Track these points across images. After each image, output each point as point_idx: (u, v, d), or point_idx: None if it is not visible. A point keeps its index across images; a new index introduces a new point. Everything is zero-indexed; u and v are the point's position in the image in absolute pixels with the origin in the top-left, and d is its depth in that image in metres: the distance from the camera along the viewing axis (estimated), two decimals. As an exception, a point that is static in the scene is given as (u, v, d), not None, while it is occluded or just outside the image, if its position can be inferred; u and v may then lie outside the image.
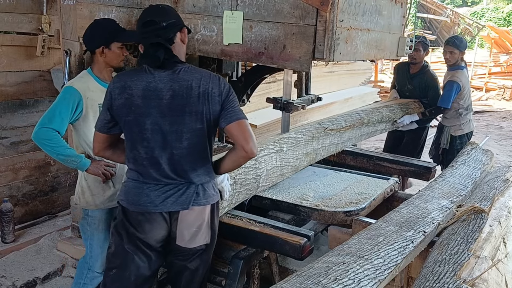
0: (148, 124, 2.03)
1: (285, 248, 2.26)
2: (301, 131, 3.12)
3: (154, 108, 2.02)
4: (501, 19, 23.05)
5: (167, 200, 2.07)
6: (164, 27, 2.04)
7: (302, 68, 2.32)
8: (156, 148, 2.05)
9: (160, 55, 2.01)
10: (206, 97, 2.03)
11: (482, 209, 2.34)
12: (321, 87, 5.88)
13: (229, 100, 2.08)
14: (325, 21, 2.17)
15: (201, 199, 2.10)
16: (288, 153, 2.91)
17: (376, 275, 1.80)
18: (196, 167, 2.10)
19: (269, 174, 2.75)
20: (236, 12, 2.41)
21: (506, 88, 13.65)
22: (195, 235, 2.12)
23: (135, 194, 2.10)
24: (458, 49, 4.44)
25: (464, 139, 4.58)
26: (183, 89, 2.02)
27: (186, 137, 2.05)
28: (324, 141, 3.32)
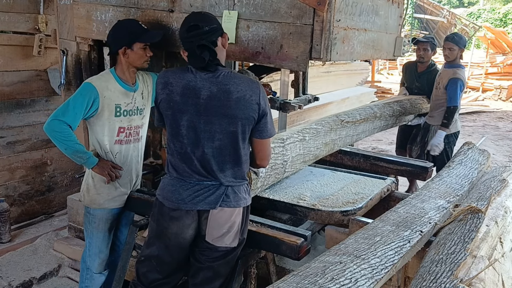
0: (184, 120, 2.13)
1: (282, 248, 2.25)
2: (321, 123, 3.33)
3: (191, 106, 2.12)
4: (498, 20, 23.13)
5: (196, 199, 2.16)
6: (207, 31, 2.12)
7: (299, 68, 2.32)
8: (190, 144, 2.14)
9: (205, 56, 2.09)
10: (243, 102, 2.10)
11: (479, 209, 2.34)
12: (318, 87, 5.90)
13: (266, 114, 2.17)
14: (322, 21, 2.17)
15: (230, 201, 2.17)
16: (310, 142, 3.10)
17: (373, 274, 1.80)
18: (224, 169, 2.16)
19: (294, 161, 2.93)
20: (233, 12, 2.41)
21: (503, 89, 13.69)
22: (224, 236, 2.18)
23: (169, 190, 2.21)
24: (458, 45, 4.44)
25: (451, 138, 4.58)
26: (221, 92, 2.10)
27: (218, 138, 2.12)
28: (341, 132, 3.53)
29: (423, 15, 21.55)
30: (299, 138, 2.98)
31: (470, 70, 14.57)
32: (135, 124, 2.66)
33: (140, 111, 2.67)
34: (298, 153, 2.95)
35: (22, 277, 3.28)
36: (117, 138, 2.60)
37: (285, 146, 2.84)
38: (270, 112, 2.22)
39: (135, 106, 2.64)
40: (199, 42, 2.10)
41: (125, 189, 2.69)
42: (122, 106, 2.58)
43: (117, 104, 2.56)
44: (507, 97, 13.59)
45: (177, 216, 2.18)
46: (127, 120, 2.61)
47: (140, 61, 2.58)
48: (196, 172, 2.17)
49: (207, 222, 2.18)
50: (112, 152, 2.60)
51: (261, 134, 2.19)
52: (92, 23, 2.97)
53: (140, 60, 2.57)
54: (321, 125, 3.28)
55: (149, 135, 3.09)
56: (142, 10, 2.76)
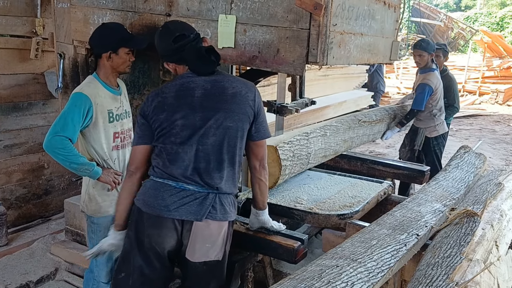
0: (179, 119, 2.06)
1: (278, 252, 2.26)
2: (340, 121, 3.58)
3: (185, 104, 2.07)
4: (494, 24, 23.21)
5: (181, 207, 2.04)
6: (194, 38, 2.14)
7: (295, 72, 2.33)
8: (183, 143, 2.06)
9: (215, 60, 2.10)
10: (239, 97, 2.09)
11: (475, 212, 2.34)
12: (316, 91, 5.91)
13: (262, 113, 2.17)
14: (319, 25, 2.18)
15: (217, 213, 2.07)
16: (330, 138, 3.30)
17: (369, 278, 1.80)
18: (219, 168, 2.08)
19: (316, 154, 3.13)
20: (230, 16, 2.41)
21: (499, 92, 13.73)
22: (207, 250, 2.08)
23: (151, 195, 2.09)
24: (426, 51, 4.56)
25: (440, 139, 4.72)
26: (216, 88, 2.09)
27: (213, 133, 2.06)
28: (359, 131, 3.78)
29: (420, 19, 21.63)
30: (321, 134, 3.19)
31: (467, 73, 14.63)
32: (126, 127, 2.66)
33: (128, 114, 2.70)
34: (320, 147, 3.16)
35: (19, 280, 3.27)
36: (114, 144, 2.60)
37: (309, 139, 3.03)
38: (265, 113, 2.21)
39: (123, 109, 2.65)
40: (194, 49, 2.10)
41: None
42: (114, 111, 2.58)
43: (109, 110, 2.55)
44: (504, 101, 13.64)
45: (157, 224, 2.06)
46: (120, 125, 2.61)
47: (124, 66, 2.58)
48: (184, 175, 2.06)
49: (189, 234, 2.06)
50: (111, 159, 2.60)
51: (258, 134, 2.16)
52: (89, 26, 2.97)
53: (124, 65, 2.57)
54: (340, 123, 3.54)
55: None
56: (139, 14, 2.76)
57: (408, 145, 4.90)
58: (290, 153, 2.82)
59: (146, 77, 2.99)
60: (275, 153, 2.73)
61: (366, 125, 3.93)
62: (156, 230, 2.06)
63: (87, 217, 2.68)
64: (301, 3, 2.18)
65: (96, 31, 2.57)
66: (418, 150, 4.80)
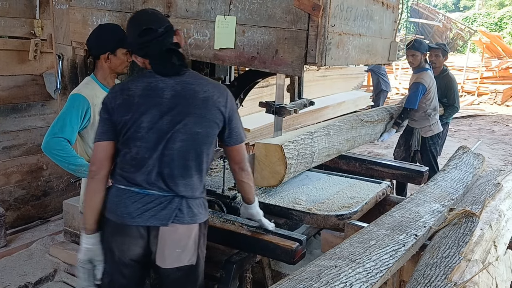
0: (145, 122, 1.94)
1: (277, 253, 2.26)
2: (343, 121, 3.65)
3: (153, 106, 1.95)
4: (493, 24, 23.22)
5: (145, 213, 1.95)
6: (162, 33, 1.98)
7: (294, 73, 2.33)
8: (148, 147, 1.95)
9: (175, 62, 1.97)
10: (211, 103, 1.99)
11: (473, 213, 2.35)
12: (314, 92, 5.92)
13: (235, 117, 2.08)
14: (317, 26, 2.18)
15: (184, 217, 1.98)
16: (333, 137, 3.36)
17: (367, 278, 1.81)
18: (185, 175, 1.98)
19: (320, 153, 3.18)
20: (229, 17, 2.41)
21: (498, 93, 13.74)
22: (178, 255, 1.99)
23: (114, 202, 2.00)
24: (419, 51, 4.60)
25: (435, 139, 4.75)
26: (186, 91, 1.97)
27: (180, 139, 1.96)
28: (361, 131, 3.86)
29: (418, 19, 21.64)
30: (325, 133, 3.25)
31: (465, 74, 14.64)
32: None
33: None
34: (324, 146, 3.21)
35: (17, 282, 3.27)
36: None
37: (313, 138, 3.08)
38: (239, 117, 2.13)
39: None
40: (159, 46, 1.96)
41: None
42: None
43: None
44: (503, 101, 13.65)
45: (121, 232, 1.97)
46: None
47: (122, 67, 2.59)
48: (149, 182, 1.95)
49: (157, 241, 1.97)
50: None
51: (231, 140, 2.08)
52: (88, 27, 2.97)
53: (122, 65, 2.58)
54: (343, 122, 3.61)
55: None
56: (138, 15, 2.76)
57: (403, 145, 4.94)
58: (295, 152, 2.86)
59: (145, 78, 2.99)
60: (280, 151, 2.76)
61: (368, 124, 4.00)
62: (120, 238, 1.98)
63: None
64: (299, 4, 2.18)
65: (94, 32, 2.57)
66: (414, 150, 4.83)
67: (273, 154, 2.78)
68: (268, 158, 2.80)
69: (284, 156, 2.74)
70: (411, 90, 4.62)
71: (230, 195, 2.72)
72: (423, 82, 4.51)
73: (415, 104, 4.53)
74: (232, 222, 2.44)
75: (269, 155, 2.80)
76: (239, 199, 2.72)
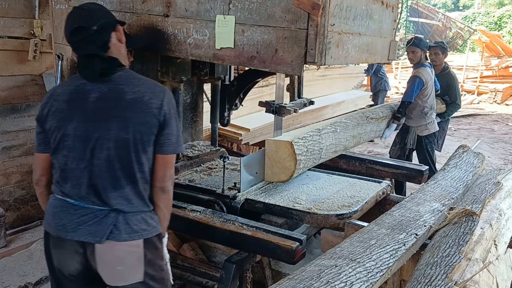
0: (70, 129, 1.79)
1: (277, 252, 2.25)
2: (349, 118, 3.74)
3: (77, 111, 1.79)
4: (492, 23, 23.23)
5: (79, 228, 1.79)
6: (96, 31, 1.81)
7: (294, 72, 2.33)
8: (76, 157, 1.79)
9: (96, 68, 1.79)
10: (139, 104, 1.79)
11: (474, 212, 2.35)
12: (314, 91, 5.91)
13: (170, 123, 1.85)
14: (316, 25, 2.18)
15: (121, 234, 1.79)
16: (340, 134, 3.44)
17: (368, 278, 1.80)
18: (116, 186, 1.80)
19: (327, 149, 3.25)
20: (228, 17, 2.41)
21: (498, 92, 13.76)
22: (120, 273, 1.82)
23: (50, 213, 1.87)
24: (419, 47, 4.66)
25: (431, 138, 4.79)
26: (113, 92, 1.80)
27: (106, 146, 1.77)
28: (366, 127, 3.98)
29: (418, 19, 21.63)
30: (332, 130, 3.33)
31: (465, 73, 14.64)
32: None
33: None
34: (331, 142, 3.28)
35: (17, 282, 3.26)
36: None
37: (321, 135, 3.15)
38: (178, 124, 1.91)
39: None
40: (86, 50, 1.80)
41: None
42: None
43: None
44: (502, 100, 13.66)
45: (58, 245, 1.84)
46: None
47: None
48: (79, 194, 1.80)
49: (94, 258, 1.80)
50: None
51: (161, 148, 1.85)
52: (88, 27, 2.97)
53: None
54: (349, 119, 3.69)
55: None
56: (138, 14, 2.76)
57: (398, 144, 4.97)
58: (304, 148, 2.93)
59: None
60: (290, 148, 2.82)
61: (374, 121, 4.12)
62: (58, 251, 1.85)
63: None
64: (299, 3, 2.18)
65: None
66: (410, 149, 4.86)
67: (283, 150, 2.85)
68: (278, 154, 2.87)
69: (294, 152, 2.81)
70: (408, 84, 4.69)
71: (230, 194, 2.72)
72: (421, 76, 4.57)
73: (411, 97, 4.58)
74: (232, 222, 2.43)
75: (279, 151, 2.87)
76: (239, 198, 2.72)
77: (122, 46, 1.93)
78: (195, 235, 2.59)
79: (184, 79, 3.01)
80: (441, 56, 5.11)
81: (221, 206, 2.68)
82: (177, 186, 2.92)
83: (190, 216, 2.50)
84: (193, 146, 3.41)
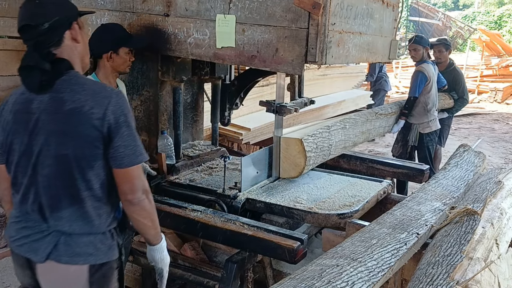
0: (16, 143, 1.65)
1: (278, 252, 2.25)
2: (359, 114, 3.91)
3: (21, 124, 1.63)
4: (492, 22, 23.22)
5: (25, 243, 1.66)
6: (44, 31, 1.58)
7: (294, 71, 2.33)
8: (22, 172, 1.66)
9: (36, 80, 1.58)
10: (79, 116, 1.57)
11: (475, 211, 2.34)
12: (314, 90, 5.91)
13: (119, 134, 1.62)
14: (317, 25, 2.18)
15: (61, 255, 1.62)
16: (349, 130, 3.54)
17: (369, 277, 1.80)
18: (59, 207, 1.63)
19: (337, 145, 3.34)
20: (229, 16, 2.41)
21: (498, 91, 13.75)
22: None
23: (8, 223, 1.76)
24: (420, 44, 4.69)
25: (433, 136, 4.81)
26: (52, 101, 1.59)
27: (48, 163, 1.61)
28: (375, 123, 4.10)
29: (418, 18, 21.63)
30: (341, 126, 3.43)
31: (465, 72, 14.62)
32: None
33: None
34: (340, 138, 3.38)
35: (17, 282, 3.23)
36: None
37: (330, 132, 3.24)
38: (132, 132, 1.66)
39: None
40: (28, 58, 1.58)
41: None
42: None
43: None
44: (503, 99, 13.65)
45: (13, 257, 1.75)
46: None
47: (124, 66, 2.58)
48: (26, 208, 1.67)
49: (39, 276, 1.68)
50: None
51: (116, 162, 1.63)
52: (87, 27, 2.96)
53: (124, 65, 2.57)
54: (359, 116, 3.84)
55: (145, 139, 3.09)
56: (138, 14, 2.76)
57: (400, 141, 4.97)
58: (313, 145, 3.01)
59: (145, 77, 2.99)
60: (301, 145, 2.91)
61: (383, 117, 4.27)
62: (15, 264, 1.76)
63: None
64: (299, 2, 2.18)
65: (96, 31, 2.57)
66: (412, 146, 4.86)
67: (293, 147, 2.94)
68: (288, 152, 2.96)
69: (304, 149, 2.89)
70: (412, 79, 4.73)
71: (231, 194, 2.72)
72: (423, 71, 4.60)
73: (416, 91, 4.62)
74: (233, 222, 2.43)
75: (289, 148, 2.95)
76: (240, 198, 2.72)
77: (77, 45, 1.68)
78: (196, 235, 2.58)
79: (184, 78, 3.01)
80: (445, 53, 5.15)
81: (222, 205, 2.67)
82: (178, 186, 2.93)
83: (191, 216, 2.49)
84: (194, 146, 3.40)
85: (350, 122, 3.58)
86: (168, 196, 2.80)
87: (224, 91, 3.42)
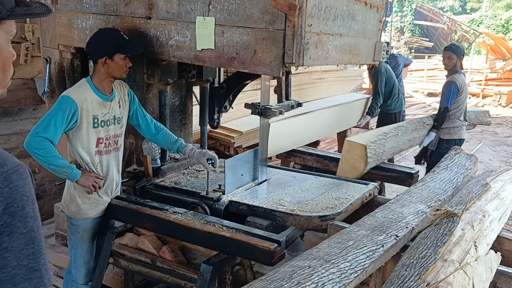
0: None
1: (255, 254, 2.24)
2: (409, 122, 4.20)
3: None
4: (499, 26, 23.09)
5: None
6: None
7: (272, 73, 2.32)
8: None
9: None
10: None
11: (454, 213, 2.32)
12: (311, 94, 5.89)
13: (12, 235, 0.96)
14: (294, 26, 2.18)
15: None
16: (400, 137, 3.79)
17: (341, 279, 1.78)
18: None
19: (388, 152, 3.55)
20: (208, 18, 2.42)
21: (502, 95, 13.67)
22: None
23: None
24: (455, 53, 4.60)
25: (451, 144, 4.60)
26: None
27: None
28: (420, 132, 4.36)
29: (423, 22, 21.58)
30: (395, 134, 3.67)
31: (470, 76, 14.54)
32: (113, 133, 2.65)
33: (118, 120, 2.67)
34: (392, 145, 3.56)
35: None
36: (97, 149, 2.60)
37: (387, 139, 3.41)
38: (29, 236, 0.99)
39: (112, 116, 2.63)
40: None
41: (107, 197, 2.69)
42: (100, 116, 2.57)
43: (95, 115, 2.54)
44: (507, 103, 13.56)
45: None
46: (105, 131, 2.61)
47: (120, 72, 2.57)
48: None
49: None
50: (93, 163, 2.59)
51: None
52: (74, 30, 2.99)
53: (120, 71, 2.56)
54: (409, 124, 4.11)
55: (132, 142, 3.10)
56: (121, 17, 2.77)
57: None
58: (373, 151, 3.22)
59: (131, 80, 2.99)
60: (364, 150, 3.06)
61: (428, 127, 4.50)
62: None
63: (67, 218, 2.70)
64: (276, 3, 2.18)
65: (93, 36, 2.58)
66: (432, 150, 4.76)
67: (356, 151, 3.07)
68: (350, 154, 3.10)
69: (366, 155, 3.05)
70: (444, 89, 4.65)
71: (214, 197, 2.71)
72: (455, 81, 4.52)
73: (447, 102, 4.54)
74: (212, 224, 2.42)
75: (351, 151, 3.09)
76: (223, 200, 2.71)
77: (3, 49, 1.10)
78: (175, 237, 2.58)
79: (170, 81, 3.01)
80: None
81: (205, 208, 2.67)
82: (163, 189, 2.93)
83: (171, 218, 2.49)
84: (182, 149, 3.40)
85: (402, 129, 3.82)
86: (152, 199, 2.80)
87: (213, 94, 3.42)
